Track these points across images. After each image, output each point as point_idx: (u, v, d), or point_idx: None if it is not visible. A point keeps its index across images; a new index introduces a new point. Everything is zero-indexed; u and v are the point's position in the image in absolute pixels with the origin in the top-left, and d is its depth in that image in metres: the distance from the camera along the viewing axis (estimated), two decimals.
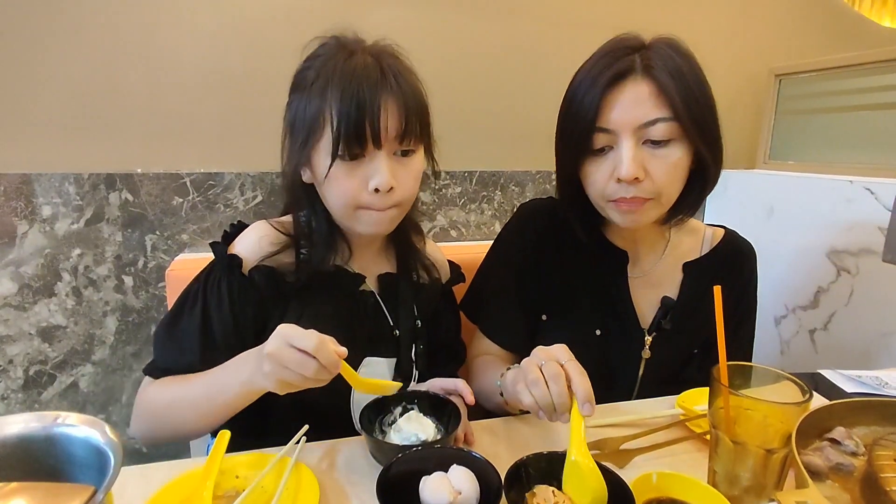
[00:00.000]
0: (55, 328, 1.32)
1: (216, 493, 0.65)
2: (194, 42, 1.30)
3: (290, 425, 0.75)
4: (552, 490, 0.61)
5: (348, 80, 0.73)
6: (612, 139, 0.82)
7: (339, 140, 0.73)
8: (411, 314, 0.93)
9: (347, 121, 0.72)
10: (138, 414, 0.82)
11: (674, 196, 0.85)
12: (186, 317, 0.81)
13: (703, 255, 0.98)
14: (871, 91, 1.44)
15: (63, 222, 1.28)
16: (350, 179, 0.77)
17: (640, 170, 0.80)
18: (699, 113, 0.81)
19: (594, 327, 0.94)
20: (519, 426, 0.83)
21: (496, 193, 1.60)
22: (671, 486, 0.63)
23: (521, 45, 1.53)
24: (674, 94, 0.78)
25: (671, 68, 0.79)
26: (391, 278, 0.93)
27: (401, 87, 0.76)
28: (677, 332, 0.94)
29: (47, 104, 1.24)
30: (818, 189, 1.33)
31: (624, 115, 0.80)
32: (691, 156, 0.83)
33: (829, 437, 0.52)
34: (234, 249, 0.84)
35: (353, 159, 0.76)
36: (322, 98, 0.74)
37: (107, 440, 0.33)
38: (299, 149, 0.78)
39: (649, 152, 0.81)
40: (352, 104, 0.72)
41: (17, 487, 0.29)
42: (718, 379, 0.62)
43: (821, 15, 1.80)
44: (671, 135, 0.80)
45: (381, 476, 0.60)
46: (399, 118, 0.76)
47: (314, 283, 0.84)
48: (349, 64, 0.75)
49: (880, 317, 1.17)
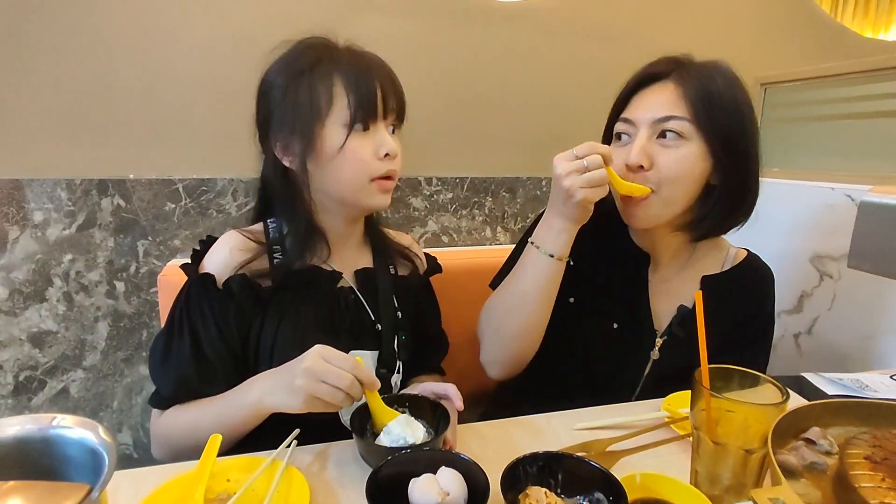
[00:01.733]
0: (46, 333, 1.32)
1: (208, 496, 0.66)
2: (187, 49, 1.31)
3: (281, 429, 0.76)
4: (544, 491, 0.62)
5: (352, 62, 0.82)
6: (630, 129, 0.89)
7: (357, 110, 0.80)
8: (391, 306, 0.95)
9: (361, 93, 0.80)
10: (158, 445, 0.86)
11: (677, 192, 0.87)
12: (176, 342, 0.83)
13: (723, 271, 1.01)
14: (853, 100, 1.47)
15: (55, 228, 1.29)
16: (363, 150, 0.82)
17: (645, 158, 0.85)
18: (724, 123, 0.85)
19: (612, 321, 0.98)
20: (508, 429, 0.84)
21: (487, 199, 1.62)
22: (655, 487, 0.65)
23: (513, 54, 1.55)
24: (696, 99, 0.84)
25: (703, 80, 0.85)
26: (369, 272, 0.95)
27: (387, 70, 0.85)
28: (688, 339, 0.96)
29: (40, 110, 1.25)
30: (802, 195, 1.36)
31: (644, 109, 0.88)
32: (708, 163, 0.86)
33: (805, 437, 0.54)
34: (206, 265, 0.86)
35: (365, 129, 0.82)
36: (328, 78, 0.81)
37: (101, 441, 0.34)
38: (301, 133, 0.82)
39: (661, 145, 0.86)
40: (364, 80, 0.81)
41: (14, 486, 0.29)
42: (700, 381, 0.64)
43: (805, 26, 1.84)
44: (683, 132, 0.85)
45: (370, 478, 0.61)
46: (396, 95, 0.85)
47: (290, 284, 0.86)
48: (341, 50, 0.84)
49: (861, 320, 1.20)
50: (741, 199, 0.91)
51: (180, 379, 0.82)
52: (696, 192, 0.89)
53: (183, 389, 0.82)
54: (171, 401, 0.84)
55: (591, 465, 0.65)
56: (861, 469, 0.44)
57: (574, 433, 0.83)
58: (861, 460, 0.45)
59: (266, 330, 0.85)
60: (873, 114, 1.42)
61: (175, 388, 0.83)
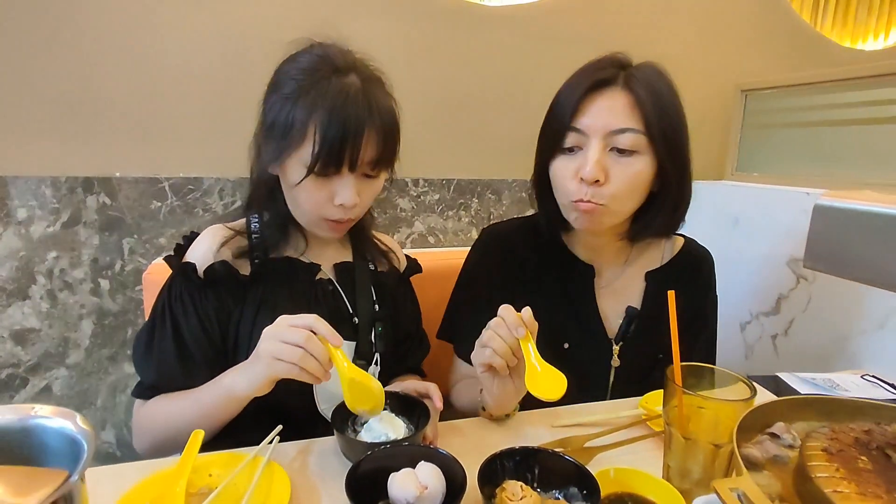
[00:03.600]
0: (28, 331, 1.31)
1: (189, 491, 0.66)
2: (175, 47, 1.31)
3: (264, 426, 0.77)
4: (520, 485, 0.64)
5: (336, 105, 0.76)
6: (582, 140, 0.86)
7: (319, 159, 0.77)
8: (369, 299, 0.96)
9: (331, 145, 0.76)
10: (138, 434, 0.86)
11: (626, 206, 0.89)
12: (159, 333, 0.84)
13: (664, 263, 1.02)
14: (830, 108, 1.51)
15: (39, 225, 1.28)
16: (319, 192, 0.81)
17: (601, 172, 0.84)
18: (671, 134, 0.85)
19: (563, 341, 0.97)
20: (486, 426, 0.86)
21: (473, 201, 1.63)
22: (628, 481, 0.67)
23: (500, 58, 1.58)
24: (648, 110, 0.83)
25: (651, 87, 0.85)
26: (347, 266, 0.96)
27: (382, 119, 0.80)
28: (642, 339, 0.97)
29: (25, 106, 1.24)
30: (779, 200, 1.39)
31: (597, 120, 0.85)
32: (654, 172, 0.87)
33: (770, 432, 0.56)
34: (188, 257, 0.87)
35: (325, 177, 0.80)
36: (308, 113, 0.77)
37: (79, 430, 0.35)
38: (274, 151, 0.81)
39: (613, 159, 0.85)
40: (337, 130, 0.76)
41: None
42: (672, 379, 0.66)
43: (784, 34, 1.88)
44: (637, 146, 0.84)
45: (350, 472, 0.62)
46: (376, 148, 0.80)
47: (269, 275, 0.87)
48: (337, 85, 0.78)
49: (835, 322, 1.23)
50: (681, 203, 0.92)
51: (162, 368, 0.83)
52: (640, 202, 0.90)
53: (165, 379, 0.83)
54: (153, 390, 0.84)
55: (567, 459, 0.66)
56: (818, 460, 0.46)
57: (553, 430, 0.85)
58: (818, 452, 0.47)
59: (244, 320, 0.86)
60: (849, 121, 1.46)
61: (157, 378, 0.84)
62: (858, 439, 0.49)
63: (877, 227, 0.37)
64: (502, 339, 0.76)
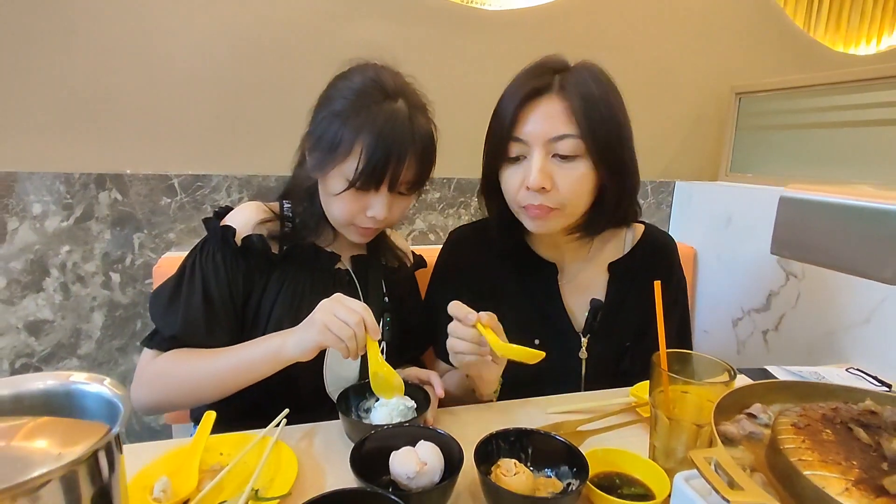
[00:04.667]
0: (42, 322, 1.35)
1: (202, 468, 0.71)
2: (186, 46, 1.36)
3: (271, 411, 0.81)
4: (514, 462, 0.68)
5: (384, 129, 0.82)
6: (525, 149, 0.89)
7: (361, 177, 0.83)
8: (380, 291, 1.03)
9: (374, 165, 0.82)
10: (144, 384, 0.86)
11: (579, 208, 0.92)
12: (187, 288, 0.88)
13: (625, 253, 1.05)
14: (822, 111, 1.55)
15: (53, 220, 1.32)
16: (354, 204, 0.87)
17: (546, 180, 0.87)
18: (604, 134, 0.87)
19: (533, 337, 0.99)
20: (484, 412, 0.90)
21: (473, 199, 1.67)
22: (616, 461, 0.71)
23: (499, 60, 1.61)
24: (581, 115, 0.85)
25: (584, 91, 0.86)
26: (364, 259, 1.02)
27: (423, 144, 0.87)
28: (609, 330, 1.00)
29: (40, 105, 1.29)
30: (771, 200, 1.42)
31: (536, 128, 0.87)
32: (596, 173, 0.89)
33: (747, 412, 0.59)
34: (227, 222, 0.92)
35: (363, 191, 0.86)
36: (356, 133, 0.82)
37: (114, 393, 0.39)
38: (319, 161, 0.87)
39: (557, 165, 0.88)
40: (383, 152, 0.82)
41: (43, 422, 0.34)
42: (658, 364, 0.70)
43: (778, 39, 1.92)
44: (577, 151, 0.87)
45: (354, 450, 0.66)
46: (415, 171, 0.88)
47: (295, 258, 0.93)
48: (386, 109, 0.84)
49: (823, 317, 1.27)
50: (623, 196, 0.93)
51: (188, 320, 0.86)
52: (591, 200, 0.92)
53: (188, 332, 0.86)
54: (172, 342, 0.87)
55: (558, 440, 0.71)
56: (787, 433, 0.50)
57: (547, 416, 0.89)
58: (788, 427, 0.51)
59: (267, 296, 0.91)
60: (841, 123, 1.49)
61: (181, 330, 0.86)
62: (825, 415, 0.53)
63: (834, 216, 0.41)
64: (462, 340, 0.81)
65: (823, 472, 0.44)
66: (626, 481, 0.69)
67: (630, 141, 0.92)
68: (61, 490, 0.30)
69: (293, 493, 0.66)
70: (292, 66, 1.43)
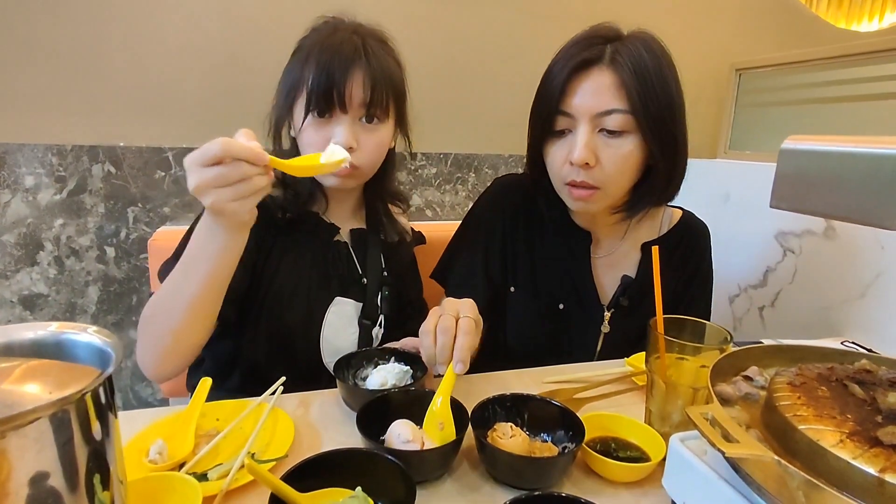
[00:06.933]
0: (37, 296, 1.35)
1: (197, 433, 0.71)
2: (180, 18, 1.33)
3: (268, 384, 0.80)
4: (510, 425, 0.68)
5: (325, 53, 0.85)
6: (571, 123, 0.86)
7: (311, 99, 0.84)
8: (378, 265, 1.03)
9: (318, 84, 0.84)
10: (140, 344, 0.81)
11: (622, 188, 0.90)
12: None
13: (661, 235, 1.04)
14: (822, 86, 1.54)
15: (46, 192, 1.31)
16: (317, 134, 0.86)
17: (591, 155, 0.84)
18: (656, 110, 0.83)
19: (558, 301, 1.00)
20: (480, 382, 0.90)
21: (470, 175, 1.66)
22: (612, 426, 0.71)
23: (498, 34, 1.59)
24: (632, 89, 0.82)
25: (636, 63, 0.83)
26: (363, 233, 1.02)
27: (370, 63, 0.86)
28: (634, 307, 1.00)
29: (31, 76, 1.27)
30: (770, 177, 1.42)
31: (584, 102, 0.85)
32: (644, 151, 0.87)
33: (744, 375, 0.59)
34: None
35: (321, 116, 0.86)
36: (303, 65, 0.86)
37: (104, 341, 0.39)
38: (282, 104, 0.90)
39: (603, 141, 0.85)
40: (323, 72, 0.84)
41: (35, 365, 0.34)
42: (655, 328, 0.70)
43: (779, 14, 1.90)
44: (625, 127, 0.84)
45: (361, 410, 0.66)
46: (364, 88, 0.85)
47: (296, 228, 0.93)
48: (330, 39, 0.86)
49: (819, 292, 1.27)
50: (675, 175, 0.92)
51: None
52: (636, 180, 0.91)
53: None
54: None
55: (555, 405, 0.71)
56: (783, 391, 0.50)
57: (543, 386, 0.89)
58: (784, 385, 0.51)
59: (270, 262, 0.92)
60: (840, 98, 1.48)
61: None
62: (821, 374, 0.53)
63: (837, 164, 0.40)
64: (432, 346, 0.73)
65: (818, 426, 0.44)
66: (621, 445, 0.70)
67: (683, 117, 0.89)
68: (51, 429, 0.30)
69: (290, 455, 0.66)
70: (287, 37, 1.40)
